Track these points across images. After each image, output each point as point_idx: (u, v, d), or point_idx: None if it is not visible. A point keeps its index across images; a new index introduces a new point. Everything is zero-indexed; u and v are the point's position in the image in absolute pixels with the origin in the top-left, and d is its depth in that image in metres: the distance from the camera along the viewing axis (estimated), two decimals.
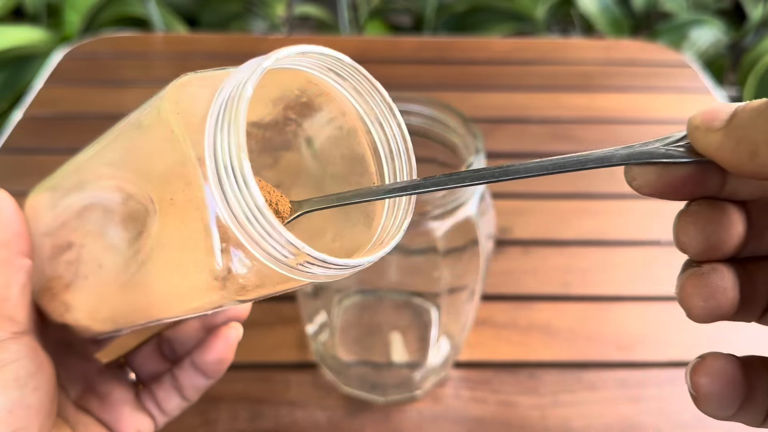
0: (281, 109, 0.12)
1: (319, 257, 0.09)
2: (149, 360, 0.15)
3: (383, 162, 0.12)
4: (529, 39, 0.48)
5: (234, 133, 0.09)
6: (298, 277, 0.10)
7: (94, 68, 0.43)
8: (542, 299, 0.28)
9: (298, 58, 0.11)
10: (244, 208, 0.09)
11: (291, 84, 0.12)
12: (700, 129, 0.09)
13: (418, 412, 0.23)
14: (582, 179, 0.35)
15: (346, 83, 0.12)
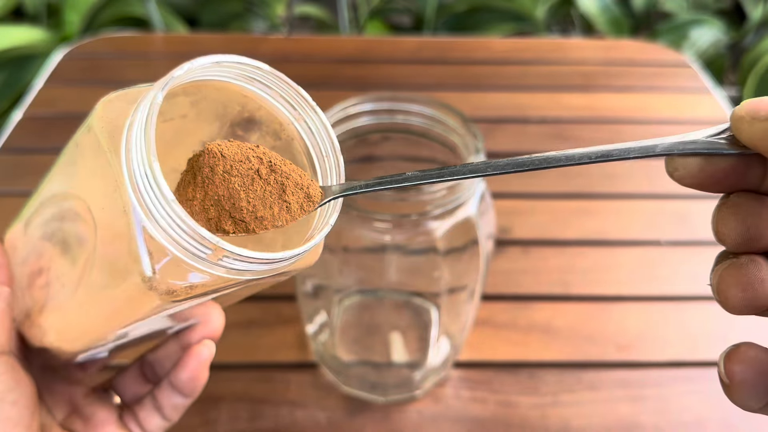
0: (228, 127, 0.12)
1: (235, 251, 0.09)
2: (132, 383, 0.16)
3: (316, 164, 0.12)
4: (529, 39, 0.48)
5: (145, 135, 0.09)
6: (223, 273, 0.10)
7: (94, 68, 0.43)
8: (542, 299, 0.28)
9: (215, 68, 0.11)
10: (158, 207, 0.09)
11: (232, 101, 0.12)
12: (744, 119, 0.09)
13: (418, 412, 0.23)
14: (582, 179, 0.35)
15: (271, 91, 0.12)
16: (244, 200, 0.10)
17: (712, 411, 0.23)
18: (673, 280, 0.29)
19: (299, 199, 0.11)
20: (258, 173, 0.10)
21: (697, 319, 0.27)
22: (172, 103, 0.12)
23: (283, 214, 0.10)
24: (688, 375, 0.24)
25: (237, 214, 0.10)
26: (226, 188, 0.10)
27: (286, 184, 0.10)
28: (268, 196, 0.10)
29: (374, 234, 0.18)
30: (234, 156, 0.10)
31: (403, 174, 0.11)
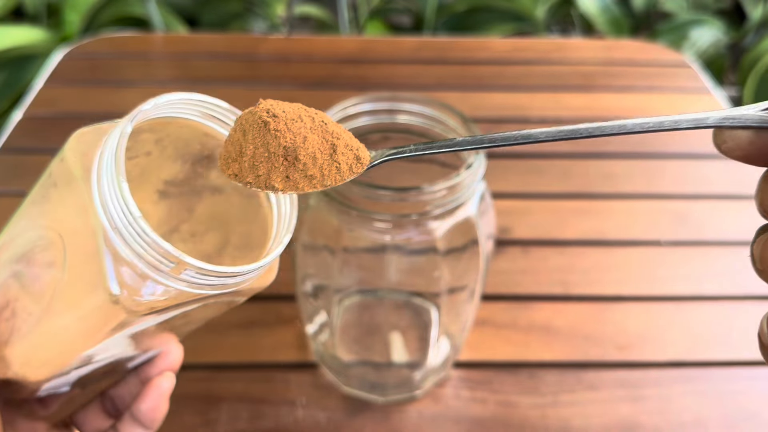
0: (190, 165, 0.13)
1: (196, 264, 0.10)
2: (94, 418, 0.16)
3: (272, 197, 0.13)
4: (529, 39, 0.48)
5: (115, 159, 0.10)
6: (185, 287, 0.11)
7: (94, 68, 0.43)
8: (542, 299, 0.28)
9: (180, 105, 0.12)
10: (125, 224, 0.10)
11: (193, 139, 0.13)
12: None
13: (418, 412, 0.23)
14: (581, 179, 0.35)
15: (228, 127, 0.13)
16: (297, 158, 0.10)
17: (712, 411, 0.23)
18: (673, 280, 0.29)
19: (348, 160, 0.10)
20: (310, 132, 0.10)
21: (697, 319, 0.27)
22: (137, 140, 0.12)
23: (333, 173, 0.10)
24: (688, 375, 0.24)
25: (289, 171, 0.10)
26: (278, 145, 0.10)
27: (336, 144, 0.10)
28: (319, 155, 0.10)
29: (374, 234, 0.18)
30: (287, 114, 0.10)
31: (453, 139, 0.11)
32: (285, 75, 0.43)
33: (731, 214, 0.32)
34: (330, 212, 0.18)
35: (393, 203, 0.17)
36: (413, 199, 0.17)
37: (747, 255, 0.11)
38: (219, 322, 0.26)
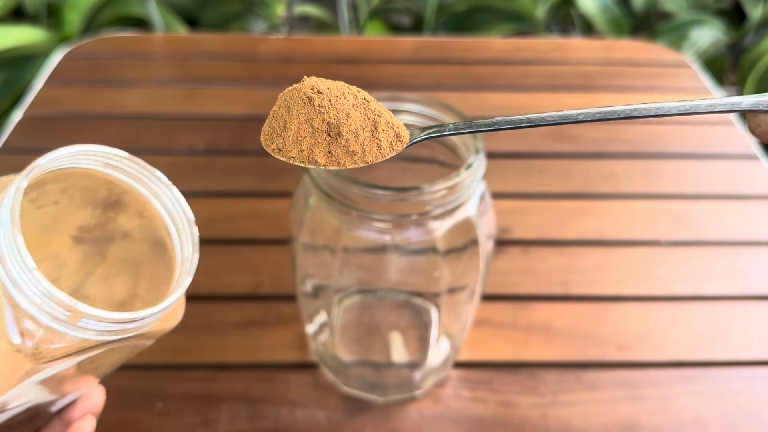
0: (100, 211, 0.14)
1: (91, 312, 0.11)
2: None
3: (173, 236, 0.14)
4: (529, 39, 0.48)
5: (10, 214, 0.11)
6: (83, 335, 0.11)
7: (94, 68, 0.43)
8: (542, 299, 0.28)
9: (79, 156, 0.12)
10: (21, 275, 0.10)
11: (99, 186, 0.13)
12: None
13: (418, 412, 0.23)
14: (581, 179, 0.35)
15: (129, 175, 0.13)
16: (339, 134, 0.10)
17: (712, 411, 0.23)
18: (673, 280, 0.29)
19: (389, 137, 0.10)
20: (353, 109, 0.10)
21: (697, 319, 0.27)
22: (43, 190, 0.13)
23: (374, 150, 0.10)
24: (688, 375, 0.24)
25: (331, 146, 0.10)
26: (323, 121, 0.10)
27: (378, 121, 0.10)
28: (360, 132, 0.10)
29: (374, 234, 0.18)
30: (330, 91, 0.10)
31: (493, 117, 0.11)
32: (285, 75, 0.43)
33: (731, 214, 0.32)
34: (330, 212, 0.18)
35: (393, 203, 0.17)
36: (413, 199, 0.17)
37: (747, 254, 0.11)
38: (219, 322, 0.27)
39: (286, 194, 0.33)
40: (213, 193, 0.33)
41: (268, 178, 0.34)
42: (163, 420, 0.22)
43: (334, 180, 0.17)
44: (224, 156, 0.36)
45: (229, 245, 0.30)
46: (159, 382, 0.23)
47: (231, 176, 0.34)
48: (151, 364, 0.24)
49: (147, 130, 0.37)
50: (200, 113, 0.39)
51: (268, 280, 0.28)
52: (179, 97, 0.40)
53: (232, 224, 0.31)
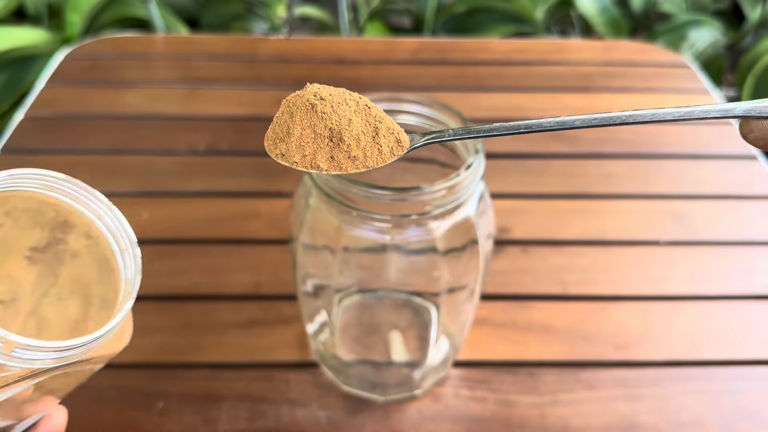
0: (49, 231, 0.14)
1: (23, 342, 0.10)
2: None
3: (117, 255, 0.13)
4: (528, 40, 0.49)
5: None
6: (18, 365, 0.11)
7: (96, 69, 0.43)
8: (541, 299, 0.28)
9: (13, 179, 0.12)
10: None
11: (45, 207, 0.13)
12: None
13: (418, 411, 0.23)
14: (580, 179, 0.35)
15: (68, 196, 0.13)
16: (341, 139, 0.10)
17: (711, 410, 0.23)
18: (671, 279, 0.29)
19: (390, 142, 0.11)
20: (355, 115, 0.10)
21: (696, 318, 0.27)
22: None
23: (375, 155, 0.11)
24: (686, 374, 0.25)
25: (334, 152, 0.10)
26: (325, 126, 0.10)
27: (379, 127, 0.11)
28: (362, 137, 0.10)
29: (374, 234, 0.18)
30: (332, 98, 0.10)
31: (492, 125, 0.11)
32: (285, 76, 0.43)
33: (729, 214, 0.32)
34: (330, 212, 0.18)
35: (393, 203, 0.17)
36: (413, 199, 0.17)
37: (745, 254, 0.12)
38: (219, 321, 0.27)
39: (286, 194, 0.33)
40: (214, 193, 0.33)
41: (269, 179, 0.34)
42: (164, 419, 0.22)
43: (335, 180, 0.17)
44: (225, 156, 0.36)
45: (229, 245, 0.30)
46: (160, 381, 0.24)
47: (232, 176, 0.34)
48: (151, 364, 0.24)
49: (148, 130, 0.37)
50: (201, 113, 0.39)
51: (268, 280, 0.28)
52: (180, 98, 0.40)
53: (232, 224, 0.31)
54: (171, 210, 0.32)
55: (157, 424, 0.22)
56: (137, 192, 0.33)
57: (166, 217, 0.31)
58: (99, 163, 0.35)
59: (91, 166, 0.34)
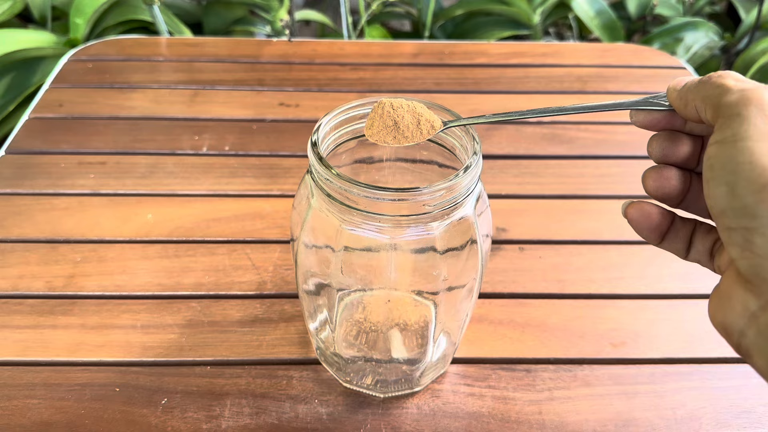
0: None
1: None
2: None
3: None
4: (525, 43, 0.49)
5: None
6: None
7: (100, 71, 0.43)
8: (538, 297, 0.28)
9: None
10: None
11: None
12: (670, 89, 0.15)
13: (417, 407, 0.23)
14: (577, 180, 0.35)
15: None
16: (398, 127, 0.18)
17: (706, 407, 0.24)
18: (667, 278, 0.29)
19: (427, 127, 0.19)
20: (406, 113, 0.18)
21: (690, 316, 0.27)
22: None
23: (417, 135, 0.18)
24: (681, 371, 0.25)
25: (395, 133, 0.18)
26: (391, 119, 0.18)
27: (420, 119, 0.19)
28: (409, 124, 0.18)
29: (374, 234, 0.19)
30: (394, 104, 0.19)
31: (516, 111, 0.17)
32: (288, 78, 0.43)
33: None
34: (331, 212, 0.19)
35: (393, 203, 0.17)
36: (412, 200, 0.17)
37: None
38: (223, 319, 0.27)
39: (288, 195, 0.34)
40: (218, 194, 0.34)
41: (271, 179, 0.35)
42: (168, 415, 0.23)
43: (336, 181, 0.17)
44: (228, 157, 0.36)
45: (233, 244, 0.31)
46: (164, 378, 0.24)
47: (235, 177, 0.35)
48: (156, 361, 0.25)
49: (152, 132, 0.38)
50: (204, 115, 0.39)
51: (271, 279, 0.29)
52: (184, 100, 0.41)
53: (236, 224, 0.32)
54: (175, 210, 0.32)
55: (161, 420, 0.22)
56: (142, 192, 0.33)
57: (171, 217, 0.32)
58: (104, 163, 0.35)
59: (96, 167, 0.35)
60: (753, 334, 0.13)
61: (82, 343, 0.25)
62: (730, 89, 0.13)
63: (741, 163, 0.12)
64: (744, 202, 0.12)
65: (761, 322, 0.13)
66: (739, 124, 0.13)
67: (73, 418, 0.22)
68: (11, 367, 0.24)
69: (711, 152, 0.13)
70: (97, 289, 0.28)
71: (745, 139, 0.12)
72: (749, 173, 0.12)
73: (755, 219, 0.12)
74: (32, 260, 0.29)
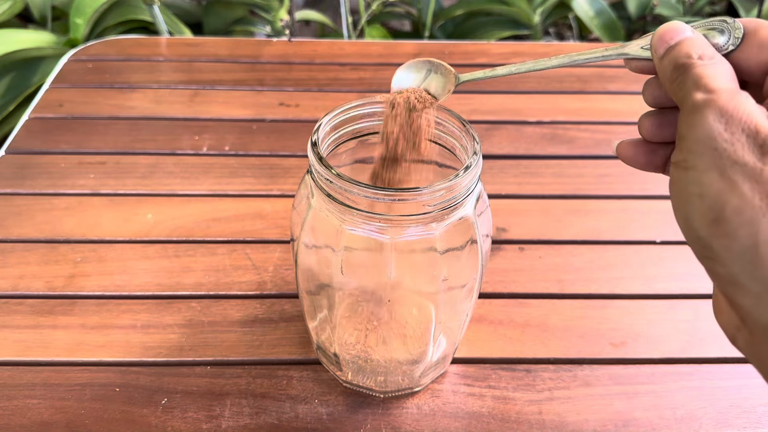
0: None
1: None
2: None
3: None
4: (525, 43, 0.49)
5: None
6: None
7: (101, 71, 0.43)
8: (538, 297, 0.28)
9: None
10: None
11: None
12: (653, 49, 0.15)
13: (417, 406, 0.23)
14: (577, 180, 0.35)
15: None
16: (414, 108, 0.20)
17: (706, 407, 0.24)
18: (667, 278, 0.29)
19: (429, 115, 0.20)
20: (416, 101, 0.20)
21: (690, 316, 0.27)
22: None
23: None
24: (681, 371, 0.25)
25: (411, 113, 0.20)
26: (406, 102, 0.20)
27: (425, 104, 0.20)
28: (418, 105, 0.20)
29: (374, 234, 0.19)
30: (411, 94, 0.21)
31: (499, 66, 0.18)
32: (288, 78, 0.44)
33: None
34: (331, 212, 0.19)
35: (393, 203, 0.17)
36: (413, 200, 0.17)
37: None
38: (223, 319, 0.27)
39: (288, 195, 0.34)
40: (218, 194, 0.34)
41: (271, 179, 0.35)
42: (168, 415, 0.23)
43: (336, 181, 0.17)
44: (228, 157, 0.36)
45: (233, 245, 0.31)
46: (164, 378, 0.24)
47: (235, 177, 0.35)
48: (156, 361, 0.25)
49: (152, 132, 0.38)
50: (205, 115, 0.40)
51: (271, 279, 0.29)
52: (184, 100, 0.41)
53: (236, 224, 0.32)
54: (175, 210, 0.32)
55: (161, 420, 0.22)
56: (142, 192, 0.33)
57: (171, 217, 0.32)
58: (104, 163, 0.35)
59: (96, 167, 0.35)
60: (742, 343, 0.13)
61: (82, 343, 0.25)
62: (692, 97, 0.12)
63: (691, 195, 0.12)
64: (698, 234, 0.12)
65: (744, 337, 0.13)
66: (688, 149, 0.12)
67: (73, 418, 0.22)
68: (11, 367, 0.24)
69: (671, 175, 0.13)
70: (97, 289, 0.28)
71: (693, 168, 0.12)
72: (699, 206, 0.12)
73: (712, 251, 0.12)
74: (32, 260, 0.29)
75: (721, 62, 0.13)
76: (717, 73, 0.13)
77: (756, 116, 0.11)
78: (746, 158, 0.11)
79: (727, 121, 0.12)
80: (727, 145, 0.11)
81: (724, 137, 0.11)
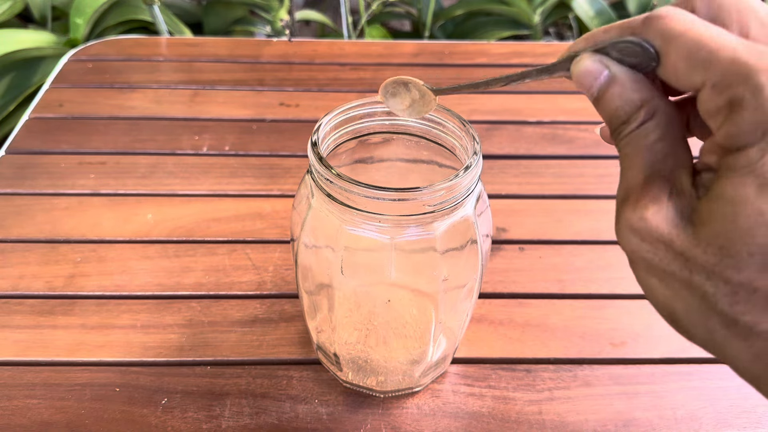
0: None
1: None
2: None
3: None
4: (525, 43, 0.49)
5: None
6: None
7: (101, 71, 0.43)
8: (538, 297, 0.28)
9: None
10: None
11: None
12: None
13: (417, 406, 0.23)
14: (576, 180, 0.35)
15: None
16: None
17: (706, 407, 0.24)
18: None
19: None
20: None
21: None
22: None
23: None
24: (682, 371, 0.25)
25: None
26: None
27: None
28: None
29: (374, 234, 0.19)
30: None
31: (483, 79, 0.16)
32: (288, 78, 0.44)
33: None
34: (331, 212, 0.19)
35: (393, 203, 0.17)
36: (413, 200, 0.17)
37: None
38: (223, 319, 0.27)
39: (288, 195, 0.34)
40: (218, 194, 0.34)
41: (271, 179, 0.35)
42: (168, 415, 0.23)
43: (336, 181, 0.17)
44: (228, 157, 0.36)
45: (233, 244, 0.31)
46: (164, 378, 0.24)
47: (235, 177, 0.35)
48: (156, 361, 0.25)
49: (152, 132, 0.38)
50: (205, 115, 0.40)
51: (271, 279, 0.29)
52: (184, 100, 0.41)
53: (236, 224, 0.32)
54: (175, 210, 0.32)
55: (161, 420, 0.23)
56: (142, 192, 0.33)
57: (171, 217, 0.32)
58: (104, 163, 0.35)
59: (96, 167, 0.35)
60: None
61: (83, 343, 0.25)
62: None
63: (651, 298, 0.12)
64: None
65: None
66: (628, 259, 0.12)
67: (73, 418, 0.22)
68: (11, 367, 0.24)
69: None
70: (97, 289, 0.28)
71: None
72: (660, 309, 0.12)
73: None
74: (32, 260, 0.29)
75: (636, 139, 0.12)
76: (633, 165, 0.12)
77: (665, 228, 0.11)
78: (672, 267, 0.11)
79: (643, 237, 0.11)
80: (651, 256, 0.11)
81: (646, 248, 0.11)
